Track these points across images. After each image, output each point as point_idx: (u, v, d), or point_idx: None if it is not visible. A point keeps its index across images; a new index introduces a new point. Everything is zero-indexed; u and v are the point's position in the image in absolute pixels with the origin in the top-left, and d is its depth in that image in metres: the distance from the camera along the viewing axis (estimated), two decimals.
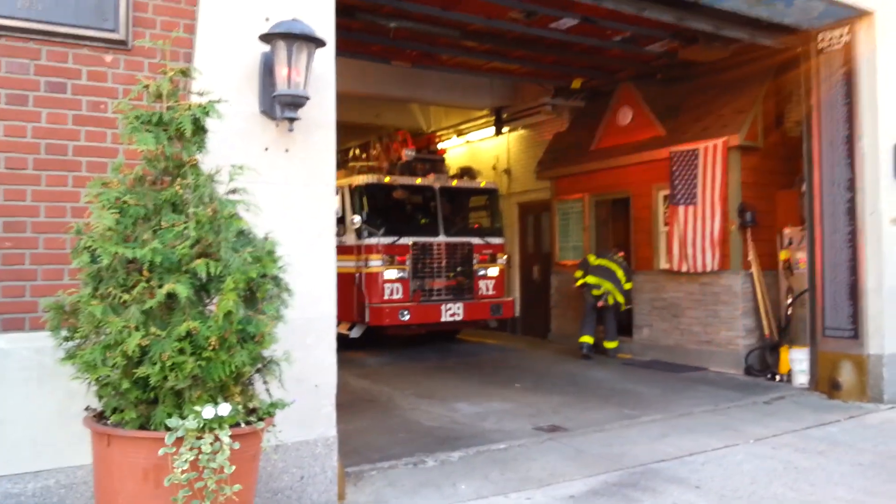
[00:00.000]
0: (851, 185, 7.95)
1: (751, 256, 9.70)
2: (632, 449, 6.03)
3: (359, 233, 11.27)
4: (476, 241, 12.12)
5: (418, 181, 12.12)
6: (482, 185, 13.17)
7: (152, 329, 3.04)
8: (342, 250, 10.96)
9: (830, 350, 8.07)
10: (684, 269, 10.19)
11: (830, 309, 8.13)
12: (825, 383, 8.09)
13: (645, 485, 5.11)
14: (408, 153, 12.67)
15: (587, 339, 11.02)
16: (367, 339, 11.44)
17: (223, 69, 4.27)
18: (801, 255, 9.01)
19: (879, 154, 7.76)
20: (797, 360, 8.64)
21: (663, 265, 10.76)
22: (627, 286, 10.91)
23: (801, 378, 8.56)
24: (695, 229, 10.01)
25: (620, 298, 10.86)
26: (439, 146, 14.51)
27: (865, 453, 5.88)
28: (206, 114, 3.36)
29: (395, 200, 11.86)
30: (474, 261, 12.02)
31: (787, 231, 9.54)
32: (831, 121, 8.16)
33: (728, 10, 7.51)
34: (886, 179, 7.79)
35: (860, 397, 7.70)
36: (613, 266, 10.88)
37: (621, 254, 11.20)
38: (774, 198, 10.02)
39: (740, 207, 9.78)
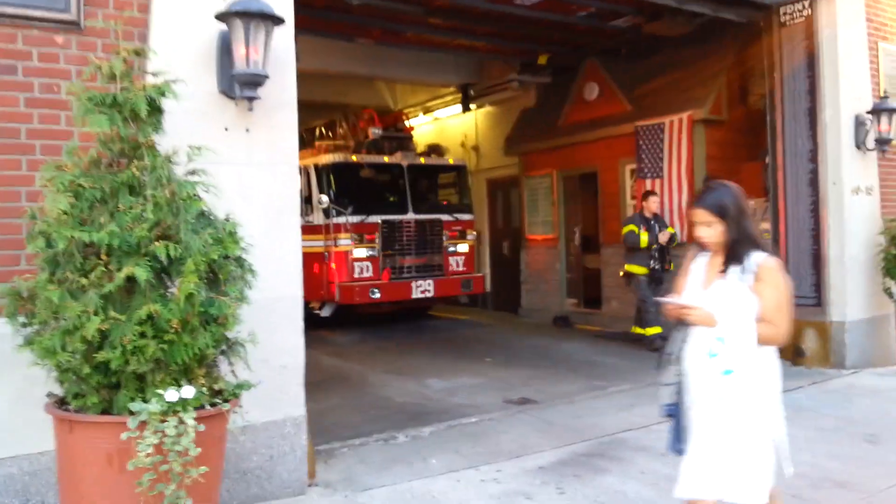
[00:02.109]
0: (814, 157, 8.06)
1: None
2: (600, 419, 6.11)
3: (327, 212, 11.21)
4: (445, 217, 12.12)
5: (386, 159, 12.06)
6: (450, 161, 13.15)
7: (112, 313, 3.00)
8: (310, 230, 10.90)
9: (797, 318, 8.19)
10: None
11: (794, 278, 8.22)
12: (789, 351, 8.22)
13: (613, 454, 5.20)
14: (374, 131, 12.58)
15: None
16: (338, 318, 11.43)
17: (179, 49, 4.19)
18: (766, 226, 9.12)
19: (841, 126, 7.86)
20: None
21: None
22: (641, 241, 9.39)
23: None
24: (661, 203, 10.09)
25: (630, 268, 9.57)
26: (406, 124, 14.43)
27: (828, 418, 6.03)
28: (162, 94, 3.31)
29: (362, 179, 11.79)
30: (444, 237, 12.03)
31: (751, 202, 9.63)
32: (794, 93, 8.25)
33: None
34: (848, 150, 7.90)
35: (823, 363, 7.87)
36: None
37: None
38: (739, 170, 10.09)
39: (705, 180, 9.85)
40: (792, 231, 8.30)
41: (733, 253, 3.02)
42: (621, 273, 9.97)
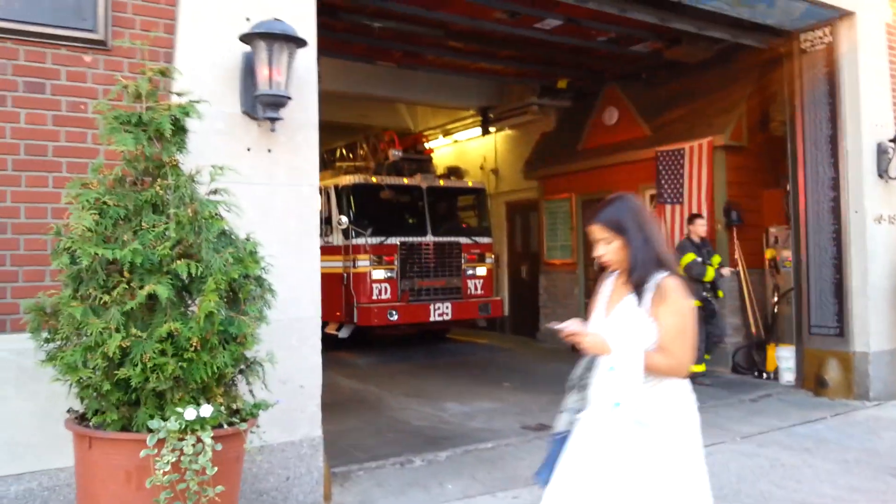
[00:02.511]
0: (835, 185, 8.00)
1: (737, 255, 9.74)
2: None
3: (346, 233, 11.25)
4: (464, 240, 12.11)
5: (405, 181, 12.10)
6: (470, 184, 13.18)
7: (133, 330, 3.02)
8: (330, 251, 10.94)
9: (816, 348, 8.11)
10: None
11: (816, 307, 8.17)
12: (811, 381, 8.12)
13: None
14: (395, 153, 12.65)
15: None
16: (356, 340, 11.42)
17: (204, 69, 4.25)
18: (787, 254, 9.05)
19: (862, 153, 7.80)
20: (784, 358, 8.69)
21: None
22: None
23: (788, 376, 8.61)
24: (681, 228, 10.04)
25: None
26: (426, 146, 14.50)
27: (851, 450, 5.92)
28: (186, 114, 3.35)
29: (382, 200, 11.83)
30: (462, 260, 12.01)
31: (772, 230, 9.59)
32: (815, 120, 8.21)
33: (710, 11, 7.53)
34: (870, 178, 7.83)
35: (846, 395, 7.75)
36: None
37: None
38: (760, 197, 10.06)
39: (726, 206, 9.81)
40: (814, 260, 8.21)
41: (632, 272, 2.71)
42: None
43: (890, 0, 8.26)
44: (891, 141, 7.86)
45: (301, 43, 4.26)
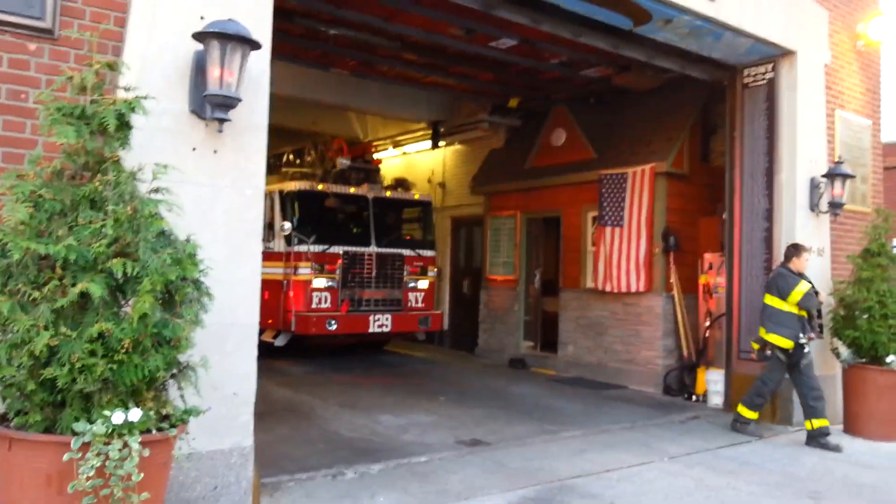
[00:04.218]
0: (769, 216, 8.28)
1: (673, 279, 9.98)
2: (551, 464, 6.10)
3: (288, 240, 11.12)
4: (407, 252, 12.10)
5: (352, 190, 12.05)
6: (416, 196, 13.20)
7: (62, 329, 2.93)
8: (270, 257, 10.80)
9: (744, 373, 8.33)
10: (608, 288, 10.40)
11: (746, 333, 8.41)
12: (735, 404, 8.33)
13: (561, 500, 5.18)
14: (342, 161, 12.60)
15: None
16: (293, 348, 11.27)
17: (153, 65, 4.16)
18: (721, 280, 9.31)
19: (797, 187, 8.09)
20: (713, 382, 8.92)
21: (589, 284, 10.96)
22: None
23: (717, 399, 8.83)
24: (620, 251, 10.24)
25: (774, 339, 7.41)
26: (375, 156, 14.47)
27: (773, 474, 6.10)
28: (132, 109, 3.28)
29: (327, 208, 11.75)
30: (405, 272, 12.00)
31: (707, 256, 9.86)
32: (753, 153, 8.49)
33: (661, 41, 7.76)
34: (802, 212, 8.13)
35: (771, 419, 7.98)
36: None
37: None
38: (697, 224, 10.34)
39: (664, 232, 10.05)
40: (745, 287, 8.47)
41: None
42: (755, 345, 7.70)
43: (830, 43, 8.63)
44: (823, 176, 8.18)
45: (255, 45, 4.22)
